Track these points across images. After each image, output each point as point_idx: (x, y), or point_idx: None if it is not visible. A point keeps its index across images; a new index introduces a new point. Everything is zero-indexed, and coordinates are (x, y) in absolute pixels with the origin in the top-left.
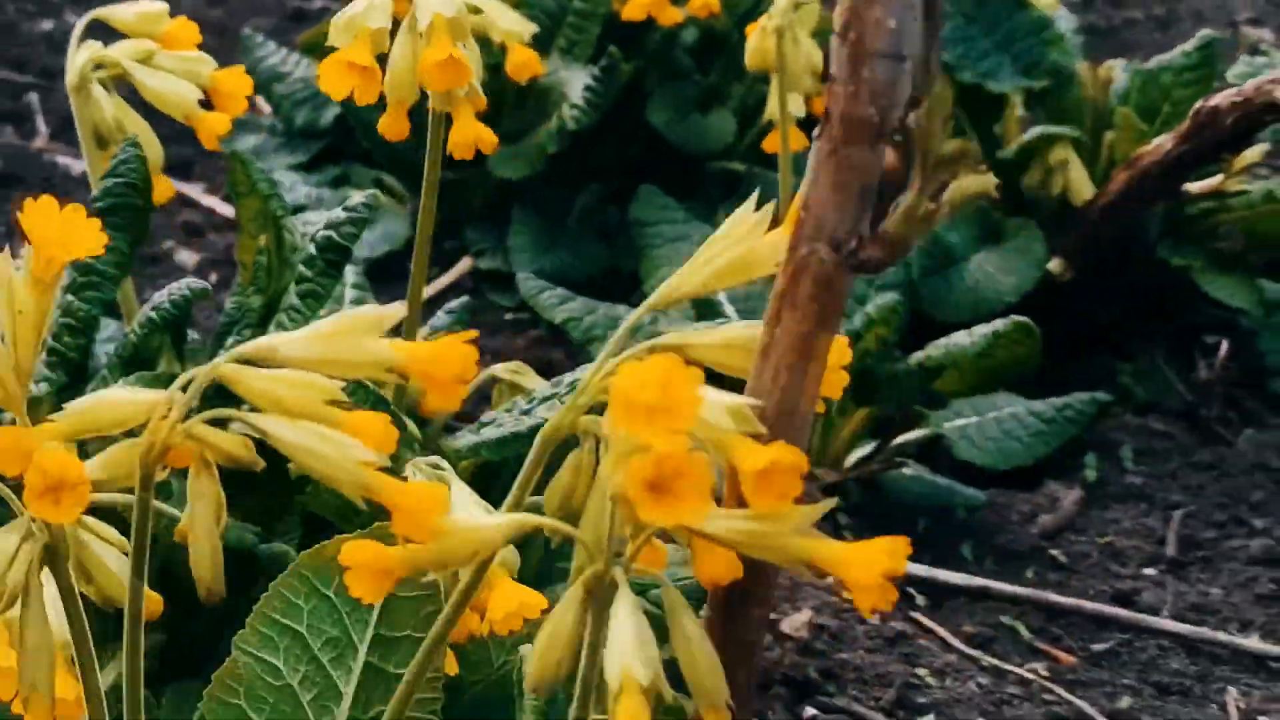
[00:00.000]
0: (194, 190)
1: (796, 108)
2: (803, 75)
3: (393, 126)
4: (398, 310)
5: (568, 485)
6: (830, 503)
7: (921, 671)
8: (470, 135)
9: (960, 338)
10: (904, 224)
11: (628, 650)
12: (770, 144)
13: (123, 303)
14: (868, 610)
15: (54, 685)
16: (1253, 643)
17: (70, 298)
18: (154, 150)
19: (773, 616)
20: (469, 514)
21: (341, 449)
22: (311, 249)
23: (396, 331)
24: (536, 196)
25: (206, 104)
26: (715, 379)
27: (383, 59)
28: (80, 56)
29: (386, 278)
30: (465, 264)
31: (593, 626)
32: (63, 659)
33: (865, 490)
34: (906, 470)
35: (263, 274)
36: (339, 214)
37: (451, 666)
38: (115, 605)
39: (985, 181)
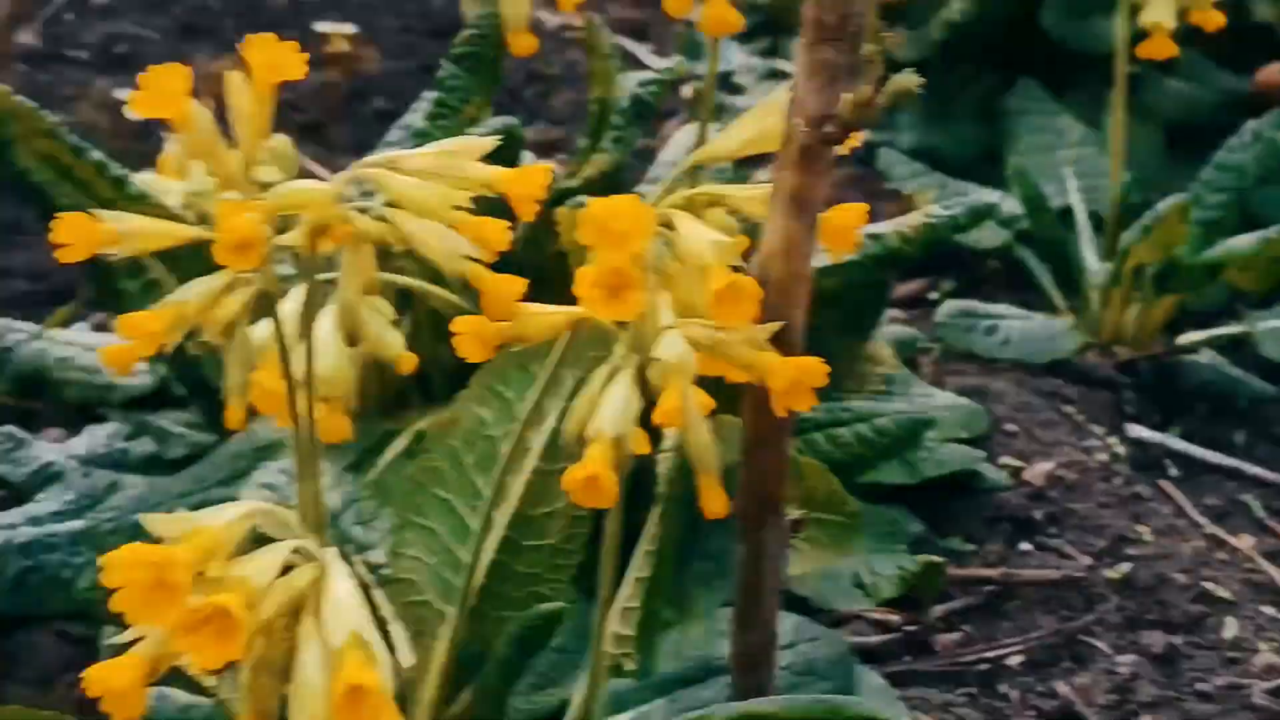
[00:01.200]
0: (642, 51)
1: (1168, 18)
2: None
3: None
4: (492, 140)
5: None
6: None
7: (1141, 529)
8: (719, 13)
9: (1240, 240)
10: (852, 111)
11: (605, 413)
12: (1143, 50)
13: None
14: (781, 409)
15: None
16: None
17: (425, 123)
18: (519, 8)
19: (1020, 464)
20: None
21: (449, 241)
22: (624, 103)
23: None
24: (930, 80)
25: None
26: None
27: None
28: None
29: None
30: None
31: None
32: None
33: (1160, 372)
34: (1199, 357)
35: (593, 120)
36: (648, 75)
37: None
38: (380, 361)
39: (909, 81)
